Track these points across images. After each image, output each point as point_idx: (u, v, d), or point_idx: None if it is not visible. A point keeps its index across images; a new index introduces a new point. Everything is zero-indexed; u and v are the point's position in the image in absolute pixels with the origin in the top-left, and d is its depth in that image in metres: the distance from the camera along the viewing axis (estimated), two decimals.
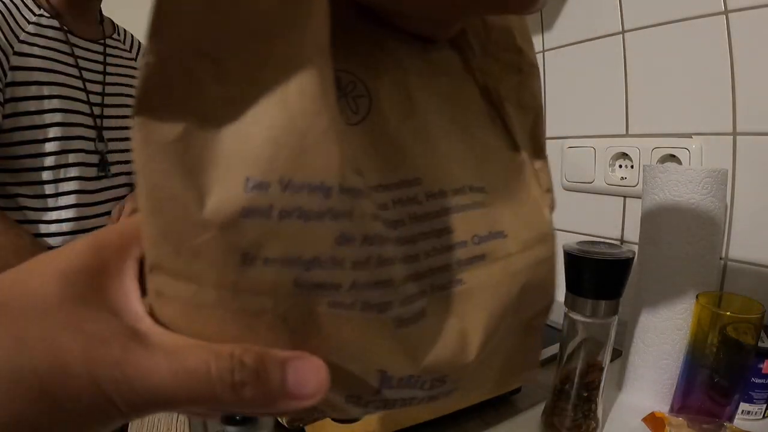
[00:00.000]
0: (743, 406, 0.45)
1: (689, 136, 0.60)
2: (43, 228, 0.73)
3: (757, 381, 0.44)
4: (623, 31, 0.65)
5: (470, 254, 0.18)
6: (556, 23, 0.76)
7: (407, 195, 0.17)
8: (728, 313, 0.42)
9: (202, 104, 0.13)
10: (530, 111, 0.21)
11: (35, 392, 0.12)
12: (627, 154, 0.67)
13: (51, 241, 0.74)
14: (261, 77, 0.13)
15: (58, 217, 0.74)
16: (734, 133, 0.56)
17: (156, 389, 0.12)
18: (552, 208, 0.21)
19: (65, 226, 0.74)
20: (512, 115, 0.20)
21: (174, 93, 0.13)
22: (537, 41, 0.80)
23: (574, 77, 0.74)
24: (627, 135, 0.67)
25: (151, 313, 0.14)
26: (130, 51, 0.90)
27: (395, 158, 0.18)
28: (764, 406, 0.45)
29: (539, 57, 0.80)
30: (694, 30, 0.58)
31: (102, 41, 0.82)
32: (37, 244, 0.72)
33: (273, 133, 0.13)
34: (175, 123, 0.13)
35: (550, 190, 0.21)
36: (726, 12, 0.55)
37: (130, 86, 0.86)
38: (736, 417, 0.44)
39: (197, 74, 0.13)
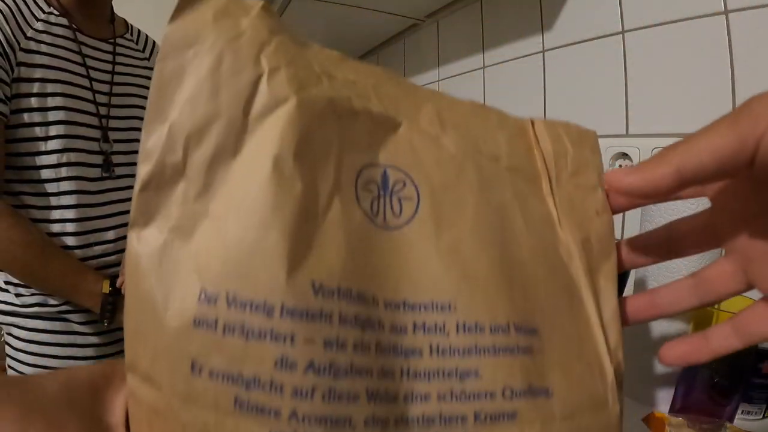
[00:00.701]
0: (743, 406, 0.45)
1: None
2: (48, 227, 0.73)
3: (757, 381, 0.44)
4: (623, 31, 0.65)
5: (497, 409, 0.15)
6: (556, 23, 0.76)
7: (429, 320, 0.15)
8: (728, 313, 0.42)
9: (180, 216, 0.14)
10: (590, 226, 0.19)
11: None
12: (627, 154, 0.67)
13: (56, 241, 0.73)
14: (224, 191, 0.15)
15: (60, 217, 0.73)
16: None
17: None
18: (619, 368, 0.17)
19: (69, 227, 0.73)
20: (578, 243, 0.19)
21: (158, 209, 0.14)
22: (537, 41, 0.80)
23: (574, 77, 0.74)
24: (627, 135, 0.67)
25: (128, 420, 0.15)
26: (143, 51, 0.87)
27: (424, 279, 0.15)
28: (764, 406, 0.45)
29: (539, 57, 0.80)
30: (694, 30, 0.58)
31: (112, 40, 0.80)
32: (48, 239, 0.71)
33: (226, 244, 0.14)
34: (159, 234, 0.14)
35: (619, 347, 0.17)
36: (726, 12, 0.55)
37: (140, 86, 0.83)
38: (736, 417, 0.44)
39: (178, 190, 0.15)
